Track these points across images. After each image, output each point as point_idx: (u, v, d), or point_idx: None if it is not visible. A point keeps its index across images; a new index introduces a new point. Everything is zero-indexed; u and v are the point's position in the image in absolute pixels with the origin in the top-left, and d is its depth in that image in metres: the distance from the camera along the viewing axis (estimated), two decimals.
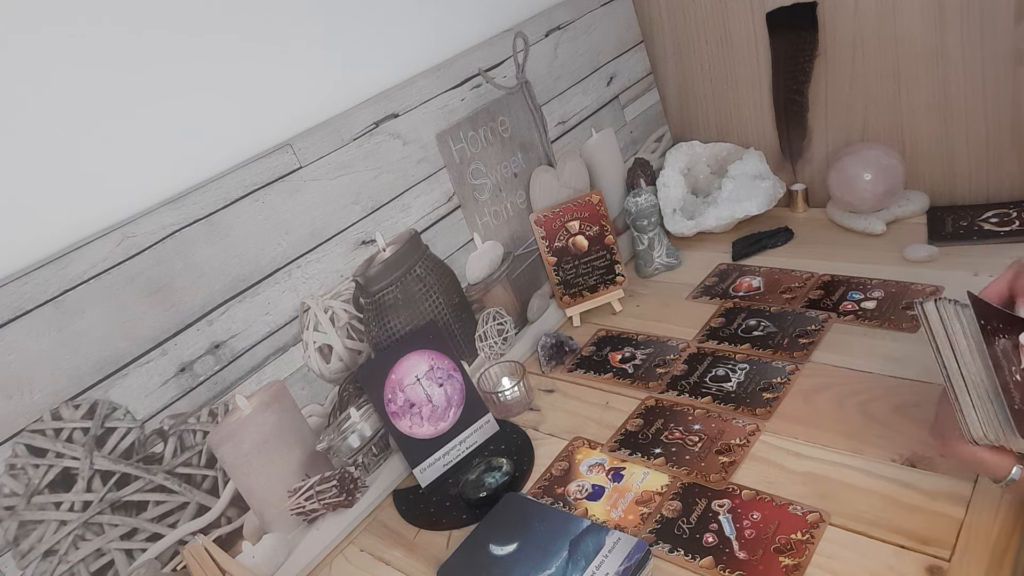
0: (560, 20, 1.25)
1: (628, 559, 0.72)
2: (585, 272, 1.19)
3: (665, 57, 1.42)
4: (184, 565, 0.77)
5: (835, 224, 1.25)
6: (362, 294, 0.96)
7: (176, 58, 0.81)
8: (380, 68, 1.01)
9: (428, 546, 0.88)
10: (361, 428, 0.95)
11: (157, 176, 0.80)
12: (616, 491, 0.86)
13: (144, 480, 0.76)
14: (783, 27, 1.25)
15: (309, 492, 0.88)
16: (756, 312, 1.09)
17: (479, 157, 1.11)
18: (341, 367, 0.94)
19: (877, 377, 0.90)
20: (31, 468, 0.69)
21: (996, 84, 1.09)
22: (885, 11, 1.14)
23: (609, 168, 1.33)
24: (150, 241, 0.77)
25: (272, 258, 0.87)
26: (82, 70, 0.74)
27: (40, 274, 0.70)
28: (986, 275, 1.01)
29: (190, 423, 0.80)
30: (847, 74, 1.22)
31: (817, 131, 1.30)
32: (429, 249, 1.04)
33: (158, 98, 0.80)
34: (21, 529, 0.68)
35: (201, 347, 0.81)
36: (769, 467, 0.82)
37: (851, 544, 0.71)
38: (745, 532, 0.75)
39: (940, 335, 0.65)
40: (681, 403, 0.96)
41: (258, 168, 0.86)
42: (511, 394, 1.04)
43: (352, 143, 0.95)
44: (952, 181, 1.19)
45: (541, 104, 1.20)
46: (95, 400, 0.73)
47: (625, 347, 1.12)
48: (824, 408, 0.88)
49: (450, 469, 0.97)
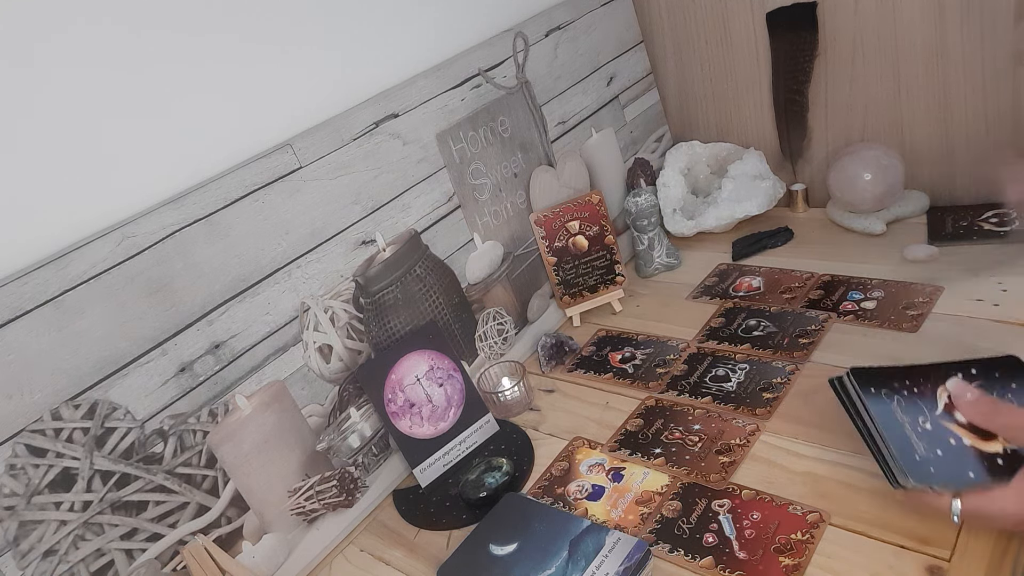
0: (560, 20, 1.25)
1: (628, 559, 0.72)
2: (585, 272, 1.19)
3: (665, 57, 1.42)
4: (184, 565, 0.77)
5: (835, 224, 1.25)
6: (362, 294, 0.96)
7: (176, 58, 0.81)
8: (380, 68, 1.01)
9: (428, 546, 0.88)
10: (361, 428, 0.95)
11: (157, 176, 0.80)
12: (616, 491, 0.86)
13: (144, 480, 0.76)
14: (783, 27, 1.25)
15: (309, 492, 0.88)
16: (756, 312, 1.09)
17: (479, 157, 1.11)
18: (341, 367, 0.94)
19: None
20: (31, 468, 0.69)
21: (996, 84, 1.09)
22: (885, 11, 1.14)
23: (609, 168, 1.33)
24: (150, 241, 0.77)
25: (272, 258, 0.87)
26: (82, 70, 0.74)
27: (40, 274, 0.70)
28: (986, 275, 1.01)
29: (190, 423, 0.80)
30: (847, 74, 1.22)
31: (817, 131, 1.30)
32: (429, 249, 1.04)
33: (158, 98, 0.80)
34: (21, 529, 0.68)
35: (201, 347, 0.81)
36: (769, 467, 0.82)
37: (851, 544, 0.71)
38: (745, 532, 0.75)
39: (847, 404, 0.73)
40: (681, 403, 0.96)
41: (258, 168, 0.86)
42: (511, 394, 1.04)
43: (352, 143, 0.95)
44: (952, 181, 1.19)
45: (541, 104, 1.20)
46: (95, 400, 0.73)
47: (625, 347, 1.12)
48: (824, 408, 0.88)
49: (450, 469, 0.97)
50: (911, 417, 0.69)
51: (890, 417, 0.69)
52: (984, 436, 0.67)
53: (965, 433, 0.68)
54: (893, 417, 0.69)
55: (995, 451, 0.66)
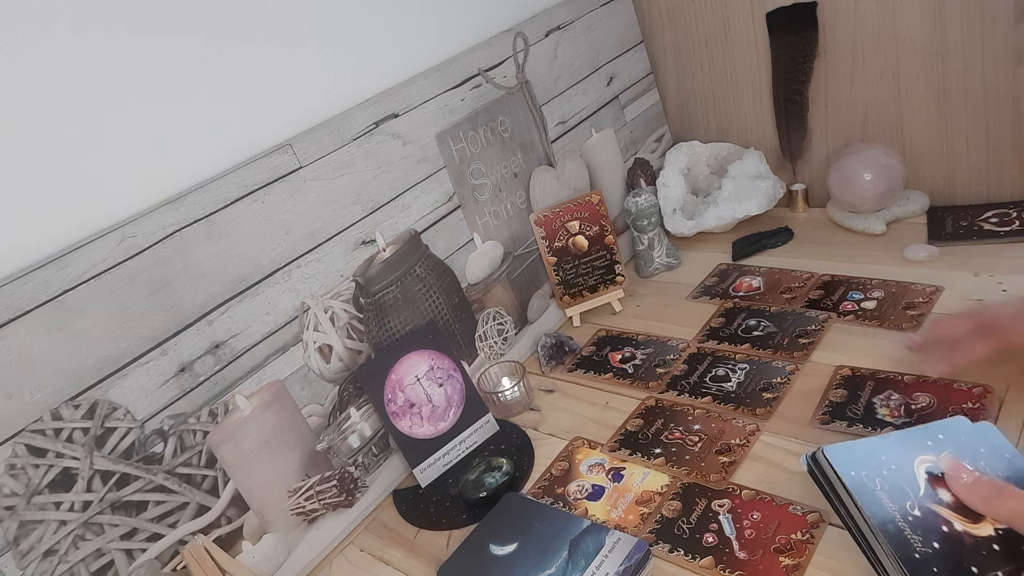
0: (560, 20, 1.25)
1: (628, 559, 0.72)
2: (585, 272, 1.19)
3: (665, 57, 1.42)
4: (184, 565, 0.77)
5: (835, 224, 1.25)
6: (362, 294, 0.96)
7: (176, 58, 0.81)
8: (380, 68, 1.02)
9: (428, 546, 0.88)
10: (361, 428, 0.95)
11: (157, 176, 0.80)
12: (616, 491, 0.86)
13: (144, 480, 0.76)
14: (783, 27, 1.25)
15: (309, 492, 0.88)
16: (756, 312, 1.09)
17: (479, 157, 1.11)
18: (341, 367, 0.94)
19: None
20: (31, 468, 0.69)
21: (996, 84, 1.09)
22: (885, 11, 1.14)
23: (609, 168, 1.33)
24: (150, 241, 0.77)
25: (272, 258, 0.87)
26: (82, 70, 0.74)
27: (40, 274, 0.70)
28: (986, 275, 1.01)
29: (190, 423, 0.80)
30: (847, 74, 1.22)
31: (817, 131, 1.30)
32: (429, 249, 1.04)
33: (158, 98, 0.80)
34: (21, 529, 0.68)
35: (201, 347, 0.81)
36: (769, 467, 0.82)
37: (851, 544, 0.70)
38: (745, 532, 0.75)
39: (826, 487, 0.69)
40: (681, 403, 0.96)
41: (258, 168, 0.86)
42: (511, 394, 1.04)
43: (352, 143, 0.95)
44: (952, 181, 1.20)
45: (541, 104, 1.20)
46: (95, 400, 0.73)
47: (625, 347, 1.12)
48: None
49: (450, 469, 0.97)
50: (899, 504, 0.64)
51: (880, 508, 0.63)
52: (973, 517, 0.63)
53: (954, 516, 0.63)
54: (883, 507, 0.63)
55: (987, 535, 0.62)
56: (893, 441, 0.70)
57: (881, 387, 0.88)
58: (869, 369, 0.91)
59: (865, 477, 0.66)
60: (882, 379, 0.89)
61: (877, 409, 0.85)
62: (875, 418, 0.83)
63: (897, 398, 0.85)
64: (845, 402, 0.87)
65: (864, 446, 0.69)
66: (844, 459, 0.68)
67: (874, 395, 0.87)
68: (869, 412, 0.85)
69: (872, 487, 0.65)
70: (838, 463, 0.67)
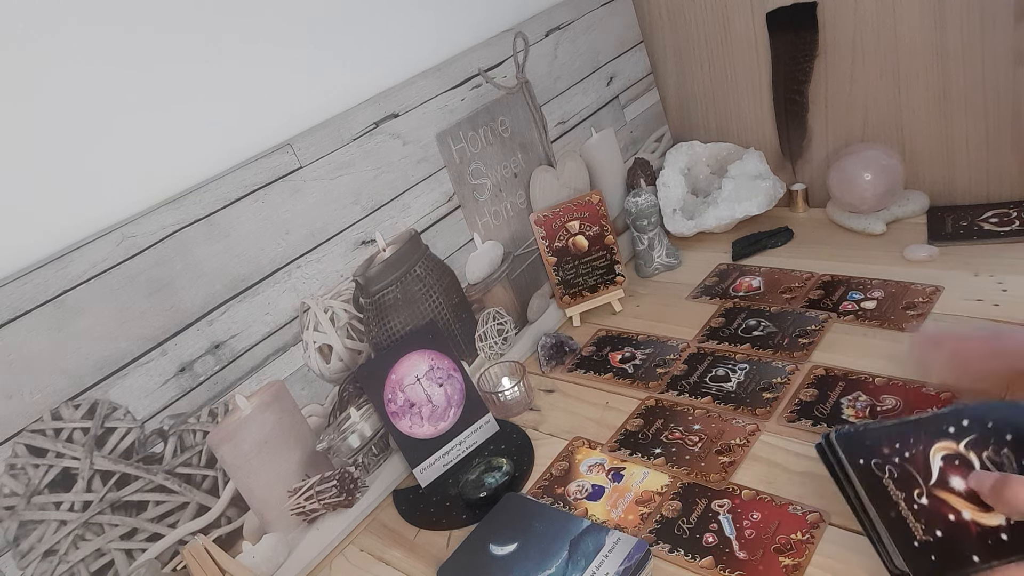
0: (560, 20, 1.25)
1: (628, 559, 0.72)
2: (585, 272, 1.19)
3: (665, 57, 1.42)
4: (184, 565, 0.77)
5: (835, 224, 1.25)
6: (362, 294, 0.96)
7: (176, 58, 0.81)
8: (380, 68, 1.02)
9: (428, 546, 0.88)
10: (361, 428, 0.95)
11: (157, 176, 0.80)
12: (616, 491, 0.86)
13: (144, 480, 0.76)
14: (783, 27, 1.25)
15: (309, 492, 0.88)
16: (756, 312, 1.09)
17: (479, 157, 1.11)
18: (341, 367, 0.94)
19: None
20: (31, 468, 0.69)
21: (996, 84, 1.09)
22: (885, 11, 1.14)
23: (609, 168, 1.33)
24: (150, 241, 0.77)
25: (272, 258, 0.87)
26: (82, 70, 0.74)
27: (40, 274, 0.70)
28: (986, 275, 1.01)
29: (190, 423, 0.80)
30: (847, 74, 1.22)
31: (817, 131, 1.30)
32: (429, 249, 1.04)
33: (158, 98, 0.80)
34: (21, 529, 0.68)
35: (201, 347, 0.81)
36: (769, 467, 0.83)
37: (851, 544, 0.71)
38: (745, 532, 0.75)
39: (836, 471, 0.66)
40: (681, 403, 0.96)
41: (258, 168, 0.86)
42: (511, 394, 1.04)
43: (352, 143, 0.95)
44: (952, 181, 1.20)
45: (541, 104, 1.20)
46: (95, 400, 0.73)
47: (625, 347, 1.12)
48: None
49: (450, 469, 0.97)
50: (906, 492, 0.63)
51: (884, 495, 0.63)
52: (986, 506, 0.61)
53: (965, 505, 0.62)
54: (887, 495, 0.63)
55: (997, 524, 0.61)
56: (909, 426, 0.67)
57: (851, 388, 0.88)
58: (842, 369, 0.92)
59: (875, 465, 0.64)
60: (853, 380, 0.90)
61: (843, 410, 0.85)
62: (840, 419, 0.84)
63: (865, 399, 0.86)
64: (814, 401, 0.88)
65: (876, 431, 0.66)
66: (854, 445, 0.65)
67: (843, 396, 0.87)
68: (835, 412, 0.85)
69: (880, 475, 0.64)
70: (848, 449, 0.65)
